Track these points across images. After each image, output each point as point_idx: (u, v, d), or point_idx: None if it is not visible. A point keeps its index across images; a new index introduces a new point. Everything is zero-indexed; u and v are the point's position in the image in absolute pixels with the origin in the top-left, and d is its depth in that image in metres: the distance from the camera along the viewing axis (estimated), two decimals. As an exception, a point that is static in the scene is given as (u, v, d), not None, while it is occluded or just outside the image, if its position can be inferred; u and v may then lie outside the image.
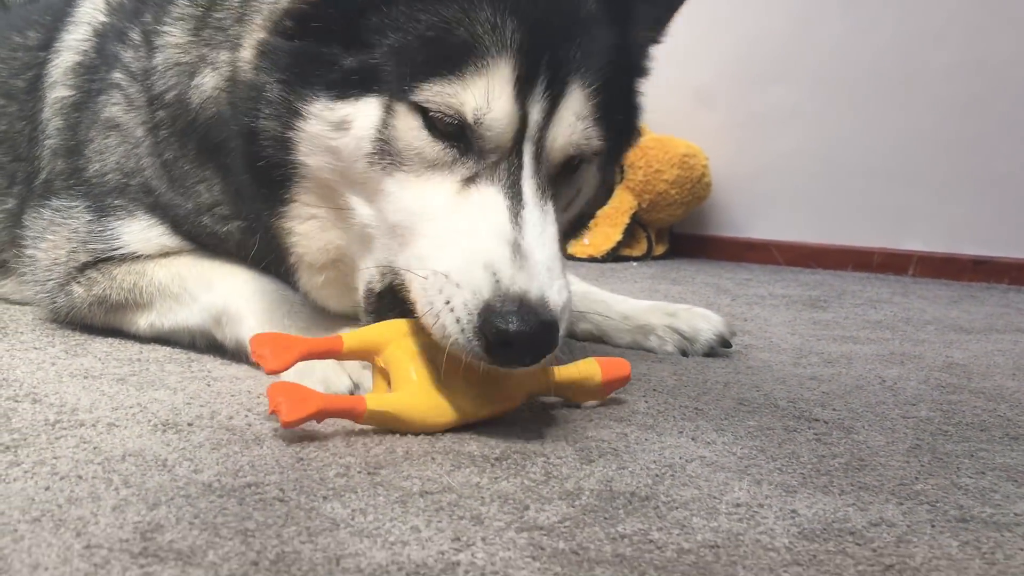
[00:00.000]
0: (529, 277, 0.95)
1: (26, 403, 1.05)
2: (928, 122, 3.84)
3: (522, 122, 1.04)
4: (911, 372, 1.52)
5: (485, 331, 0.92)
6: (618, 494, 0.84)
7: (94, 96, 1.45)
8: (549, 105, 1.05)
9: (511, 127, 1.03)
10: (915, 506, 0.85)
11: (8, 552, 0.65)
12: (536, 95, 1.04)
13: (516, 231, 0.99)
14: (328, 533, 0.72)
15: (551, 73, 1.04)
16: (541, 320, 0.92)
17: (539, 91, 1.04)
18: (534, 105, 1.04)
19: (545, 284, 0.95)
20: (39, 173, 1.62)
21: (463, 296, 0.95)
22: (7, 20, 2.02)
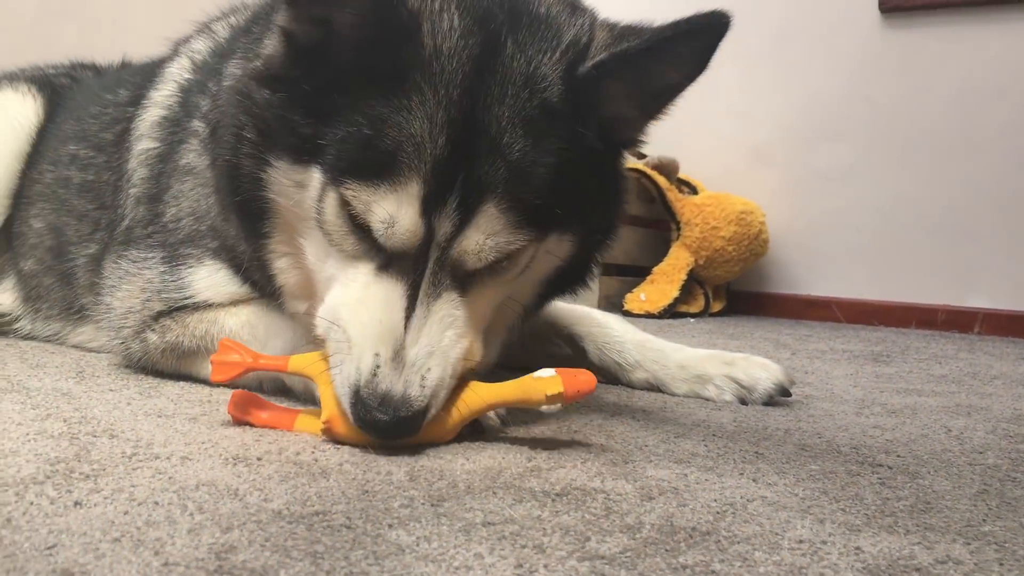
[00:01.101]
0: (396, 378, 1.05)
1: (104, 438, 1.09)
2: (990, 178, 3.81)
3: (429, 234, 1.07)
4: (978, 423, 1.49)
5: (354, 408, 1.06)
6: (679, 529, 0.84)
7: (176, 146, 1.53)
8: (459, 221, 1.07)
9: (413, 241, 1.08)
10: (983, 546, 0.84)
11: (91, 568, 0.68)
12: (446, 213, 1.06)
13: (403, 331, 1.08)
14: (394, 557, 0.73)
15: (464, 192, 1.05)
16: (398, 416, 1.04)
17: (449, 210, 1.06)
18: (442, 223, 1.06)
19: (412, 382, 1.05)
20: (122, 220, 1.70)
21: (348, 369, 1.07)
22: (101, 82, 2.15)
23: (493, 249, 1.09)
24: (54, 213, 1.96)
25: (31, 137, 2.11)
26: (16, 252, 2.06)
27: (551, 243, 1.19)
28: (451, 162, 1.05)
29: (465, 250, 1.08)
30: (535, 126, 1.08)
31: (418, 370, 1.06)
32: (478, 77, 1.07)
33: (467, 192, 1.06)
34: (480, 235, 1.07)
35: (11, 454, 0.99)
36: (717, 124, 4.34)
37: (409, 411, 1.04)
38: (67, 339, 1.92)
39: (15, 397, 1.30)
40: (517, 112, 1.07)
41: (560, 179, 1.10)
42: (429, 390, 1.06)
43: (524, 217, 1.08)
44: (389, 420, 1.04)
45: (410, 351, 1.07)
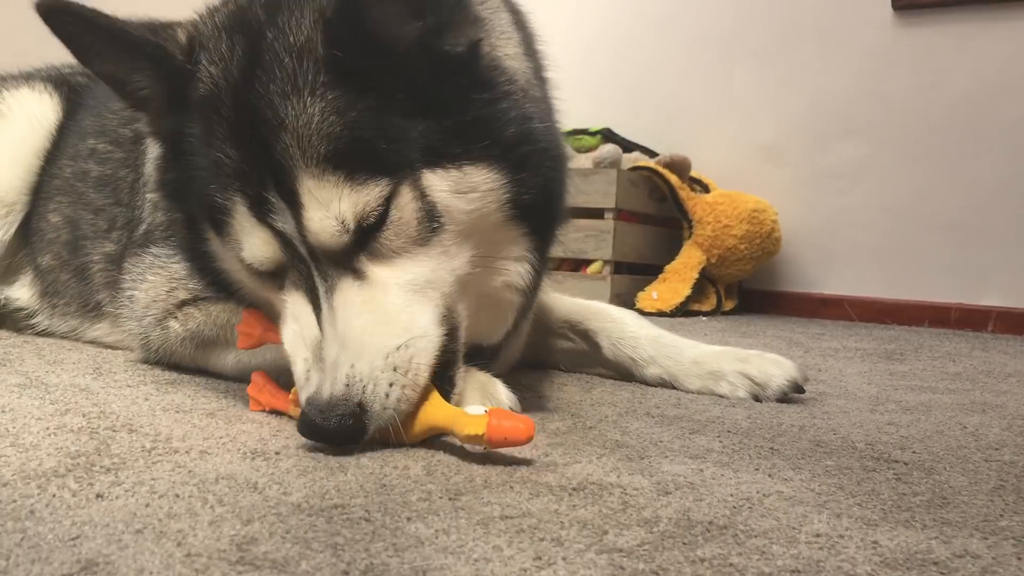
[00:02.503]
0: (322, 379, 1.03)
1: (123, 432, 1.10)
2: (1003, 176, 3.80)
3: (283, 237, 1.07)
4: (993, 420, 1.49)
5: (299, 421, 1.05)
6: (696, 523, 0.85)
7: None
8: (293, 210, 1.05)
9: (272, 252, 1.09)
10: (1000, 540, 0.84)
11: (115, 559, 0.69)
12: (276, 209, 1.06)
13: (318, 332, 1.07)
14: (414, 549, 0.74)
15: (277, 182, 1.05)
16: (326, 418, 1.01)
17: (277, 205, 1.05)
18: (283, 219, 1.06)
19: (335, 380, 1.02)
20: (140, 224, 1.71)
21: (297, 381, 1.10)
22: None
23: (340, 217, 1.03)
24: (71, 207, 1.97)
25: (51, 134, 2.12)
26: (34, 248, 2.08)
27: (439, 179, 1.09)
28: (252, 162, 1.06)
29: (316, 232, 1.04)
30: (314, 85, 1.04)
31: (340, 368, 1.02)
32: (250, 72, 1.07)
33: (279, 180, 1.04)
34: (317, 211, 1.03)
35: (32, 448, 1.00)
36: (729, 122, 4.34)
37: (334, 412, 1.00)
38: (83, 335, 1.94)
39: (34, 393, 1.32)
40: (292, 82, 1.05)
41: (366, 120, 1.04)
42: (356, 388, 1.02)
43: (347, 173, 1.03)
44: (319, 424, 1.00)
45: (328, 351, 1.04)
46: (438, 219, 1.10)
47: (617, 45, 4.62)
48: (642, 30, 4.57)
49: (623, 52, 4.60)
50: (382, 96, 1.05)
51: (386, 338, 1.05)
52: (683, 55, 4.46)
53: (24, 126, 2.10)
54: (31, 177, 2.08)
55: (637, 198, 3.86)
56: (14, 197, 2.07)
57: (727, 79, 4.36)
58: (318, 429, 1.01)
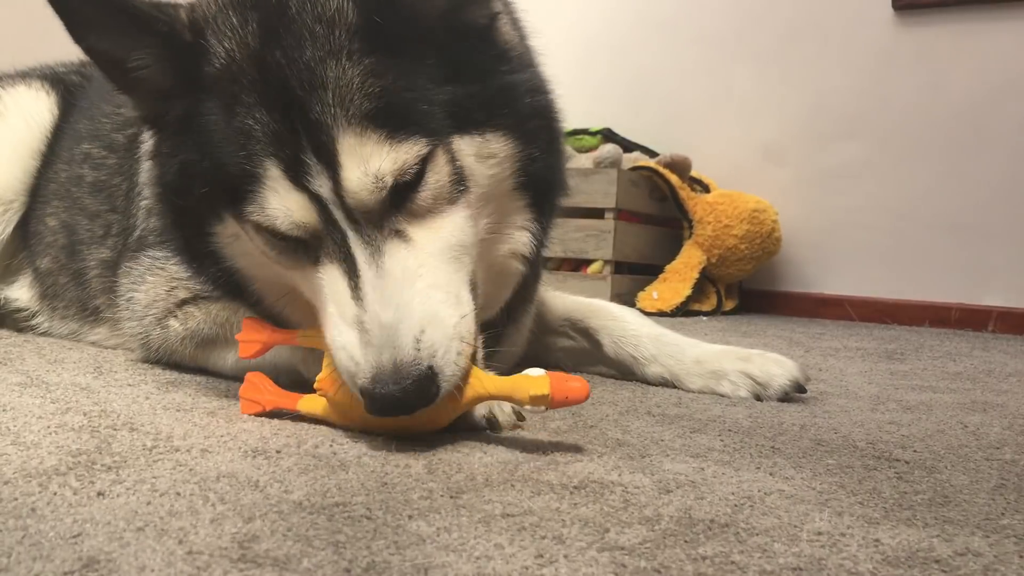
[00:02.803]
0: (378, 351, 1.01)
1: (124, 431, 1.10)
2: (1004, 176, 3.80)
3: (320, 201, 1.06)
4: (994, 419, 1.48)
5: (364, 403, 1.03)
6: (697, 521, 0.85)
7: None
8: (331, 171, 1.04)
9: (309, 217, 1.07)
10: (1001, 539, 0.84)
11: (116, 556, 0.69)
12: (314, 170, 1.04)
13: (358, 305, 1.04)
14: (415, 547, 0.74)
15: (314, 142, 1.04)
16: (400, 386, 0.99)
17: (314, 165, 1.04)
18: (319, 180, 1.05)
19: (399, 345, 1.01)
20: (134, 230, 1.71)
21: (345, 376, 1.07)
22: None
23: (379, 173, 1.04)
24: (67, 211, 1.97)
25: (47, 135, 2.13)
26: (32, 250, 2.08)
27: (467, 145, 1.12)
28: (287, 125, 1.05)
29: (354, 190, 1.04)
30: (350, 51, 1.05)
31: (404, 332, 1.01)
32: (275, 41, 1.06)
33: (316, 140, 1.04)
34: (357, 168, 1.04)
35: (33, 446, 1.00)
36: (729, 122, 4.34)
37: (408, 378, 0.99)
38: (84, 338, 1.94)
39: (35, 391, 1.32)
40: (326, 48, 1.05)
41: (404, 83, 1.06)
42: (426, 352, 1.01)
43: (389, 131, 1.04)
44: (392, 394, 0.99)
45: (382, 315, 1.02)
46: (465, 182, 1.13)
47: (618, 45, 4.61)
48: (643, 30, 4.56)
49: (624, 52, 4.60)
50: (414, 63, 1.08)
51: (451, 308, 1.07)
52: (683, 55, 4.46)
53: (21, 125, 2.10)
54: (28, 177, 2.08)
55: (637, 198, 3.86)
56: (11, 196, 2.07)
57: (728, 79, 4.36)
58: (395, 400, 1.00)
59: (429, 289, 1.06)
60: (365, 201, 1.05)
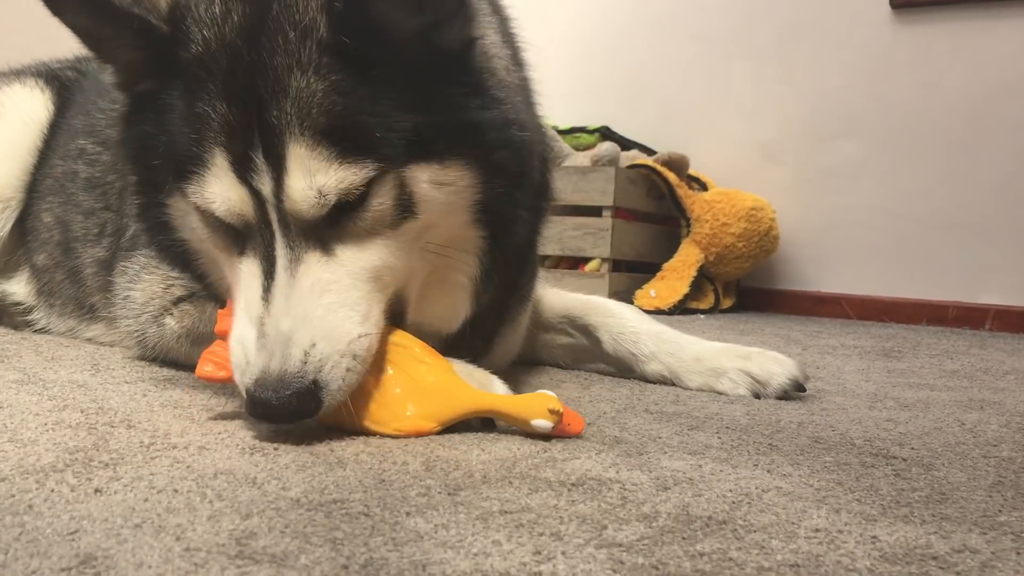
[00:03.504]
0: (268, 355, 1.02)
1: (121, 428, 1.10)
2: (1001, 174, 3.80)
3: (258, 197, 1.07)
4: (991, 417, 1.49)
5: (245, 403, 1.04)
6: (695, 518, 0.85)
7: None
8: (276, 173, 1.05)
9: (245, 210, 1.08)
10: (999, 536, 0.84)
11: (114, 552, 0.69)
12: (258, 168, 1.05)
13: (264, 307, 1.06)
14: (413, 544, 0.74)
15: (266, 143, 1.05)
16: (279, 396, 1.00)
17: (260, 164, 1.05)
18: (261, 179, 1.06)
19: (288, 356, 1.02)
20: (127, 229, 1.71)
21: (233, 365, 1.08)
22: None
23: (322, 190, 1.05)
24: (62, 207, 1.97)
25: (43, 132, 2.12)
26: (29, 246, 2.08)
27: (422, 172, 1.11)
28: (243, 121, 1.06)
29: (295, 198, 1.05)
30: (318, 65, 1.05)
31: (296, 344, 1.02)
32: (252, 39, 1.06)
33: (268, 143, 1.05)
34: (301, 179, 1.04)
35: (30, 443, 1.00)
36: (727, 121, 4.34)
37: (288, 389, 1.00)
38: (80, 335, 1.94)
39: (32, 389, 1.31)
40: (296, 57, 1.05)
41: (365, 105, 1.06)
42: (313, 365, 1.02)
43: (340, 150, 1.05)
44: (269, 401, 1.00)
45: (280, 323, 1.04)
46: (412, 209, 1.13)
47: (615, 43, 4.61)
48: (640, 28, 4.56)
49: (621, 50, 4.60)
50: (381, 85, 1.07)
51: (351, 325, 1.07)
52: (681, 53, 4.46)
53: (17, 123, 2.10)
54: (25, 174, 2.08)
55: (635, 196, 3.86)
56: (10, 193, 2.07)
57: (726, 77, 4.36)
58: (272, 409, 1.01)
59: (334, 305, 1.07)
60: (303, 212, 1.07)
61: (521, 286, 1.53)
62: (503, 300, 1.46)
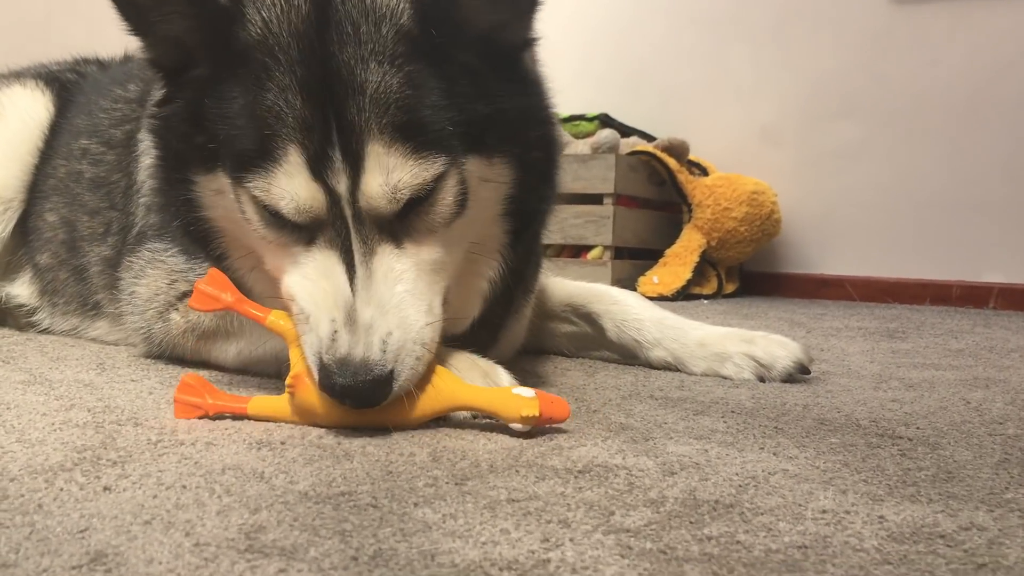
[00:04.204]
0: (354, 341, 1.04)
1: (128, 426, 1.10)
2: (1002, 152, 3.79)
3: (333, 195, 1.07)
4: (996, 395, 1.49)
5: (319, 375, 1.06)
6: (702, 502, 0.85)
7: None
8: (353, 172, 1.05)
9: (318, 207, 1.07)
10: (1006, 513, 0.84)
11: (124, 549, 0.69)
12: (335, 168, 1.05)
13: (350, 294, 1.07)
14: (421, 534, 0.74)
15: (343, 142, 1.04)
16: (358, 379, 1.03)
17: (337, 163, 1.05)
18: (337, 178, 1.06)
19: (370, 343, 1.04)
20: (133, 227, 1.71)
21: (310, 339, 1.08)
22: (110, 75, 2.16)
23: (398, 186, 1.06)
24: (67, 207, 1.97)
25: (44, 132, 2.12)
26: (32, 246, 2.08)
27: (476, 167, 1.13)
28: (319, 118, 1.05)
29: (371, 196, 1.06)
30: (393, 55, 1.06)
31: (376, 332, 1.05)
32: (321, 29, 1.06)
33: (346, 140, 1.04)
34: (378, 176, 1.05)
35: (38, 443, 1.00)
36: (726, 105, 4.33)
37: (369, 375, 1.03)
38: (84, 333, 1.94)
39: (39, 389, 1.32)
40: (370, 47, 1.05)
41: (437, 98, 1.07)
42: (392, 354, 1.05)
43: (415, 145, 1.05)
44: (349, 384, 1.03)
45: (362, 313, 1.05)
46: (466, 204, 1.14)
47: (615, 30, 4.60)
48: (640, 15, 4.55)
49: (620, 37, 4.59)
50: (452, 79, 1.08)
51: (420, 314, 1.09)
52: (680, 39, 4.45)
53: (18, 124, 2.10)
54: (27, 175, 2.08)
55: (636, 183, 3.85)
56: (11, 194, 2.07)
57: (724, 62, 4.35)
58: (350, 389, 1.03)
59: (406, 294, 1.09)
60: (379, 208, 1.07)
61: (527, 278, 1.53)
62: (509, 292, 1.46)
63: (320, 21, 1.06)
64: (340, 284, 1.08)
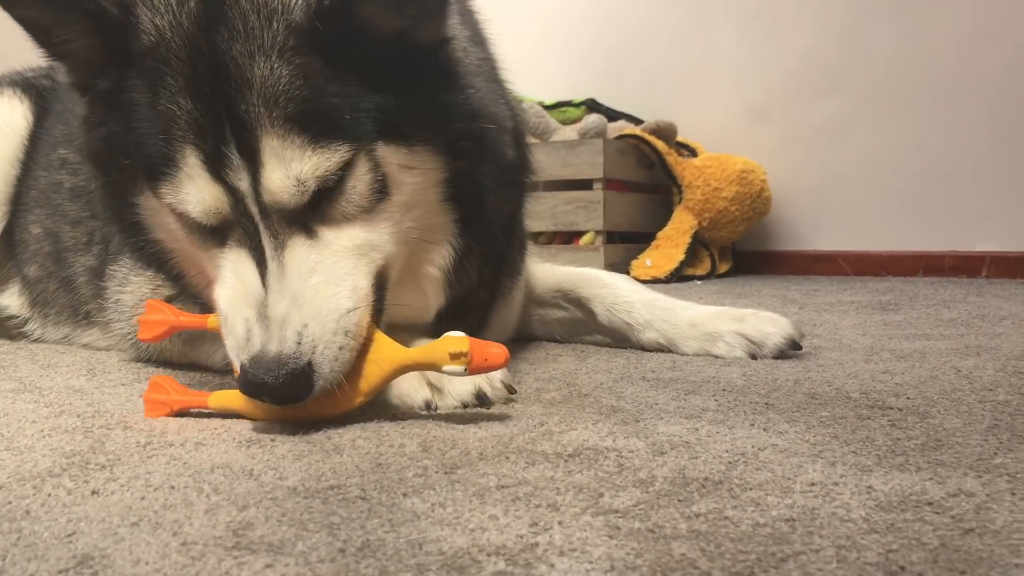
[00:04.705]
0: (267, 337, 1.04)
1: (118, 430, 1.10)
2: (991, 120, 3.79)
3: (235, 193, 1.06)
4: (987, 362, 1.49)
5: (239, 376, 1.05)
6: (691, 480, 0.85)
7: None
8: (251, 167, 1.05)
9: (222, 207, 1.08)
10: (994, 478, 0.84)
11: (111, 551, 0.69)
12: (233, 165, 1.05)
13: (262, 290, 1.06)
14: (410, 524, 0.74)
15: (238, 138, 1.04)
16: (273, 375, 1.01)
17: (235, 160, 1.05)
18: (238, 175, 1.05)
19: (284, 338, 1.03)
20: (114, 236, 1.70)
21: (231, 340, 1.09)
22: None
23: (300, 178, 1.05)
24: (49, 218, 1.97)
25: (23, 142, 2.11)
26: (19, 258, 2.07)
27: (391, 154, 1.11)
28: (211, 116, 1.04)
29: (273, 190, 1.05)
30: (283, 48, 1.04)
31: (290, 326, 1.03)
32: (211, 28, 1.05)
33: (240, 137, 1.04)
34: (277, 170, 1.04)
35: (27, 450, 1.00)
36: (712, 84, 4.32)
37: (283, 369, 1.01)
38: (76, 341, 1.94)
39: (28, 397, 1.32)
40: (259, 42, 1.04)
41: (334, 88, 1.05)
42: (308, 346, 1.03)
43: (312, 135, 1.04)
44: (264, 381, 1.01)
45: (274, 308, 1.04)
46: (386, 190, 1.13)
47: (599, 14, 4.58)
48: (620, -2, 4.54)
49: (605, 21, 4.57)
50: (349, 69, 1.06)
51: (339, 301, 1.08)
52: (664, 20, 4.43)
53: None
54: (9, 187, 2.07)
55: (625, 167, 3.84)
56: None
57: (709, 40, 4.34)
58: (266, 386, 1.02)
59: (322, 284, 1.07)
60: (284, 202, 1.06)
61: (510, 260, 1.53)
62: (493, 276, 1.46)
63: (210, 19, 1.05)
64: (251, 282, 1.07)
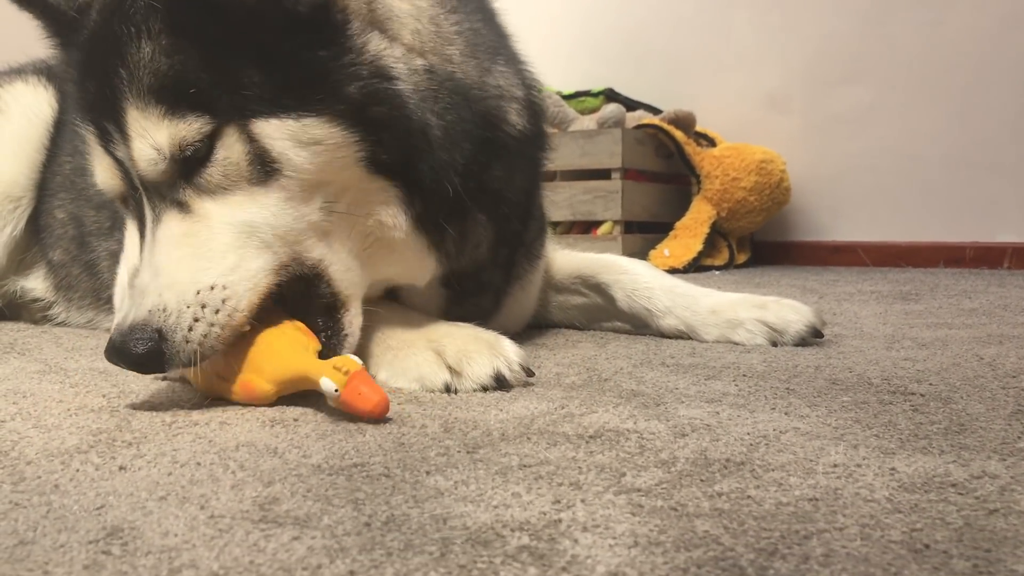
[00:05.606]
0: (129, 306, 1.08)
1: (143, 410, 1.11)
2: (1012, 109, 3.75)
3: (123, 168, 1.14)
4: (1010, 350, 1.48)
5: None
6: (713, 461, 0.85)
7: None
8: (125, 141, 1.11)
9: (116, 182, 1.18)
10: (1018, 461, 0.84)
11: (140, 524, 0.70)
12: (113, 139, 1.13)
13: (138, 259, 1.13)
14: (434, 500, 0.75)
15: (114, 113, 1.11)
16: (124, 339, 1.05)
17: (112, 134, 1.12)
18: (119, 151, 1.13)
19: (139, 306, 1.07)
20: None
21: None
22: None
23: (156, 146, 1.09)
24: (73, 203, 1.98)
25: (49, 129, 2.13)
26: (44, 243, 2.09)
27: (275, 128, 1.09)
28: (98, 95, 1.13)
29: (138, 160, 1.10)
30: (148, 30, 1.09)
31: (148, 295, 1.07)
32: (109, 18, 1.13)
33: (115, 112, 1.10)
34: (139, 141, 1.10)
35: (54, 428, 1.01)
36: (731, 74, 4.30)
37: (131, 335, 1.05)
38: (100, 325, 1.95)
39: (54, 378, 1.33)
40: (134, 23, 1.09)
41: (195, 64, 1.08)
42: (157, 316, 1.05)
43: (169, 107, 1.08)
44: (115, 346, 1.05)
45: (140, 279, 1.09)
46: (272, 164, 1.11)
47: (617, 4, 4.57)
48: (639, -14, 4.52)
49: (623, 10, 4.55)
50: (215, 45, 1.10)
51: (200, 274, 1.09)
52: (682, 9, 4.41)
53: (23, 121, 2.10)
54: (35, 173, 2.09)
55: (643, 156, 3.84)
56: (20, 192, 2.08)
57: (727, 29, 4.31)
58: (117, 351, 1.06)
59: (188, 258, 1.10)
60: (147, 171, 1.11)
61: (527, 242, 1.52)
62: (509, 256, 1.46)
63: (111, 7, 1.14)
64: (133, 254, 1.14)
